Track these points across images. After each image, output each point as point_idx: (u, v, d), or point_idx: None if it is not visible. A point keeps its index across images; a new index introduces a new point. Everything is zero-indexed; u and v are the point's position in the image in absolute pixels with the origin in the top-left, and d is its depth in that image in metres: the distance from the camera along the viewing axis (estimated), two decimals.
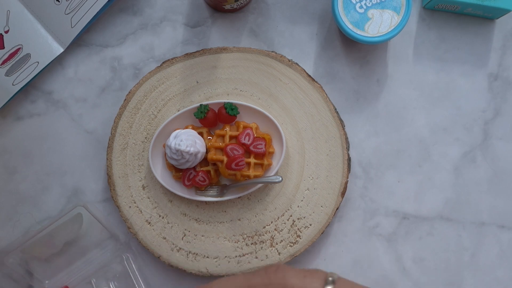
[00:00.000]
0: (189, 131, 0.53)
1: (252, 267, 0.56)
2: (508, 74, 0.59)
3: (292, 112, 0.56)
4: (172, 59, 0.56)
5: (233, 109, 0.54)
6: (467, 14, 0.58)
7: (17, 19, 0.58)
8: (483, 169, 0.58)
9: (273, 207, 0.56)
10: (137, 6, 0.60)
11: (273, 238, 0.56)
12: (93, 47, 0.60)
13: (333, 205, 0.56)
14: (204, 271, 0.56)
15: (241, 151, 0.52)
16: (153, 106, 0.57)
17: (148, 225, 0.56)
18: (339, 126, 0.56)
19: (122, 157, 0.56)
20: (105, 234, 0.58)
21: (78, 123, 0.59)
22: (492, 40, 0.59)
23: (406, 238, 0.58)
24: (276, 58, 0.56)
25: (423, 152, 0.59)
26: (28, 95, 0.59)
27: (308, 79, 0.56)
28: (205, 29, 0.59)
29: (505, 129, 0.59)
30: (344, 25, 0.53)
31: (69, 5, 0.57)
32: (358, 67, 0.59)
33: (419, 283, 0.58)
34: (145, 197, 0.57)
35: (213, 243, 0.56)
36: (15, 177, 0.59)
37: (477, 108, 0.59)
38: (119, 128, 0.56)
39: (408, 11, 0.53)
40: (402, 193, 0.58)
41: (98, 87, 0.59)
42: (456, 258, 0.58)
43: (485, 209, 0.58)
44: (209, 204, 0.56)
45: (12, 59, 0.58)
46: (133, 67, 0.59)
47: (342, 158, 0.56)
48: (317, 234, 0.56)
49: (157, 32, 0.59)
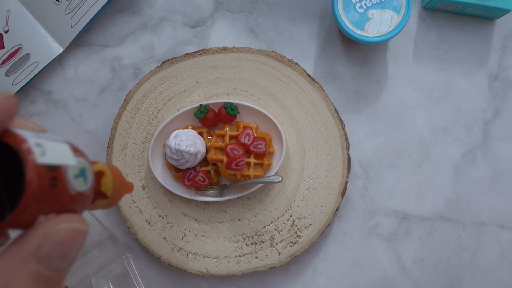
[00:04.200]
0: (189, 131, 0.53)
1: (252, 267, 0.56)
2: (508, 74, 0.59)
3: (292, 112, 0.56)
4: (172, 59, 0.56)
5: (233, 109, 0.54)
6: (467, 14, 0.58)
7: (17, 19, 0.58)
8: (483, 169, 0.58)
9: (273, 207, 0.56)
10: (137, 6, 0.59)
11: (273, 238, 0.56)
12: (93, 47, 0.60)
13: (333, 205, 0.56)
14: (204, 271, 0.56)
15: (241, 151, 0.52)
16: (153, 106, 0.57)
17: (148, 225, 0.56)
18: (339, 126, 0.56)
19: (122, 157, 0.56)
20: (105, 234, 0.58)
21: (78, 123, 0.59)
22: (492, 40, 0.59)
23: (406, 238, 0.58)
24: (276, 58, 0.56)
25: (423, 152, 0.59)
26: (28, 95, 0.59)
27: (308, 79, 0.56)
28: (205, 29, 0.59)
29: (505, 129, 0.59)
30: (344, 25, 0.53)
31: (69, 5, 0.57)
32: (358, 67, 0.59)
33: (419, 283, 0.58)
34: (145, 197, 0.56)
35: (213, 243, 0.56)
36: None
37: (477, 108, 0.59)
38: (119, 128, 0.56)
39: (408, 11, 0.53)
40: (402, 193, 0.58)
41: (98, 87, 0.59)
42: (456, 258, 0.58)
43: (485, 209, 0.58)
44: (209, 204, 0.56)
45: (12, 59, 0.58)
46: (133, 67, 0.59)
47: (342, 158, 0.56)
48: (317, 234, 0.56)
49: (157, 32, 0.59)
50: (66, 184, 0.24)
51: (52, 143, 0.24)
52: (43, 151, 0.23)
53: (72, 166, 0.24)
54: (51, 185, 0.23)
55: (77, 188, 0.24)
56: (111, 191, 0.30)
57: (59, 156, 0.24)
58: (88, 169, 0.26)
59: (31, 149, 0.22)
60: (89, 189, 0.25)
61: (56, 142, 0.24)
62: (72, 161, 0.24)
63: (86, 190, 0.25)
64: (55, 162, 0.23)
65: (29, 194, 0.22)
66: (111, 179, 0.30)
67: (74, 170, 0.24)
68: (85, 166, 0.25)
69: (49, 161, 0.23)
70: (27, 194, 0.22)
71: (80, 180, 0.25)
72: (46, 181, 0.22)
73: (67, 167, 0.24)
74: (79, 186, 0.25)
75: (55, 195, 0.23)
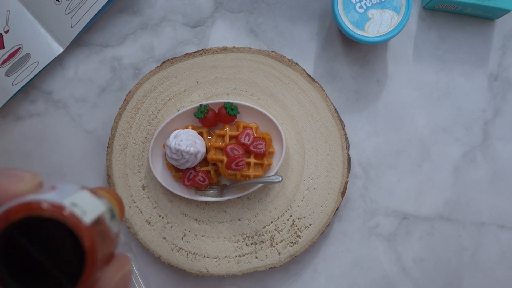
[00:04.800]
0: (189, 131, 0.53)
1: (252, 267, 0.56)
2: (508, 74, 0.59)
3: (292, 112, 0.56)
4: (172, 59, 0.56)
5: (233, 109, 0.54)
6: (467, 14, 0.58)
7: (17, 19, 0.58)
8: (483, 169, 0.58)
9: (273, 207, 0.56)
10: (137, 6, 0.59)
11: (273, 238, 0.56)
12: (93, 47, 0.60)
13: (333, 205, 0.56)
14: (204, 271, 0.56)
15: (241, 151, 0.52)
16: (153, 106, 0.57)
17: (148, 225, 0.56)
18: (339, 126, 0.56)
19: (122, 157, 0.56)
20: None
21: (78, 123, 0.59)
22: (492, 40, 0.59)
23: (406, 238, 0.58)
24: (276, 58, 0.56)
25: (423, 152, 0.59)
26: (28, 95, 0.59)
27: (308, 79, 0.56)
28: (205, 29, 0.59)
29: (505, 129, 0.59)
30: (344, 25, 0.53)
31: (69, 5, 0.57)
32: (358, 67, 0.59)
33: (419, 283, 0.58)
34: (145, 197, 0.56)
35: (213, 243, 0.56)
36: None
37: (477, 108, 0.59)
38: (119, 128, 0.56)
39: (408, 11, 0.53)
40: (402, 193, 0.58)
41: (98, 87, 0.59)
42: (456, 258, 0.58)
43: (485, 209, 0.58)
44: (209, 204, 0.56)
45: (12, 59, 0.58)
46: (133, 67, 0.59)
47: (342, 158, 0.56)
48: (317, 234, 0.56)
49: (157, 32, 0.59)
50: (109, 233, 0.22)
51: (78, 195, 0.21)
52: (82, 210, 0.20)
53: (106, 211, 0.22)
54: (102, 239, 0.21)
55: (115, 230, 0.23)
56: (119, 218, 0.29)
57: (94, 207, 0.21)
58: (112, 206, 0.24)
59: (74, 213, 0.20)
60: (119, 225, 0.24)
61: (79, 193, 0.22)
62: (102, 206, 0.22)
63: (119, 227, 0.24)
64: (95, 215, 0.21)
65: (91, 262, 0.19)
66: (116, 205, 0.28)
67: (107, 214, 0.22)
68: (110, 206, 0.24)
69: (91, 217, 0.21)
70: (89, 263, 0.19)
71: (115, 221, 0.23)
72: (99, 240, 0.20)
73: (103, 214, 0.22)
74: (115, 227, 0.23)
75: (106, 248, 0.21)
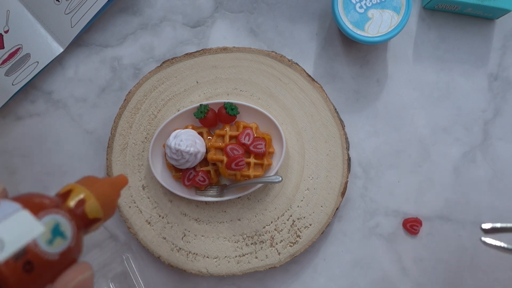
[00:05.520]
0: (189, 131, 0.53)
1: (252, 267, 0.56)
2: (508, 74, 0.59)
3: (292, 112, 0.56)
4: (172, 59, 0.56)
5: (233, 109, 0.54)
6: (467, 14, 0.58)
7: (17, 19, 0.58)
8: (483, 169, 0.58)
9: (273, 207, 0.56)
10: (137, 6, 0.59)
11: (273, 238, 0.56)
12: (93, 47, 0.60)
13: (333, 205, 0.56)
14: (204, 271, 0.56)
15: (241, 151, 0.52)
16: (153, 106, 0.57)
17: (148, 225, 0.56)
18: (339, 126, 0.56)
19: (122, 157, 0.56)
20: (105, 234, 0.58)
21: (78, 123, 0.59)
22: (492, 40, 0.59)
23: (406, 238, 0.58)
24: (276, 58, 0.56)
25: (423, 152, 0.59)
26: (28, 95, 0.59)
27: (308, 79, 0.56)
28: (205, 29, 0.59)
29: (505, 129, 0.59)
30: (344, 25, 0.53)
31: (69, 5, 0.57)
32: (358, 67, 0.59)
33: (419, 283, 0.58)
34: (145, 197, 0.56)
35: (213, 243, 0.56)
36: (15, 177, 0.59)
37: (477, 108, 0.59)
38: (119, 128, 0.56)
39: (408, 11, 0.53)
40: (402, 193, 0.58)
41: (98, 87, 0.59)
42: (456, 258, 0.58)
43: (485, 209, 0.58)
44: (209, 204, 0.56)
45: (12, 59, 0.58)
46: (133, 67, 0.59)
47: (342, 158, 0.56)
48: (317, 234, 0.56)
49: (157, 32, 0.59)
50: (44, 258, 0.20)
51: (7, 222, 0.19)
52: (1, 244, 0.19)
53: (41, 234, 0.20)
54: (27, 270, 0.19)
55: (57, 251, 0.21)
56: (100, 212, 0.27)
57: (22, 235, 0.19)
58: (61, 220, 0.22)
59: None
60: (73, 238, 0.22)
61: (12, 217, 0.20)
62: (39, 229, 0.20)
63: (70, 243, 0.21)
64: (20, 246, 0.19)
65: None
66: (94, 201, 0.26)
67: (45, 236, 0.20)
68: (56, 222, 0.21)
69: (12, 249, 0.19)
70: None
71: (58, 241, 0.21)
72: (21, 272, 0.19)
73: (36, 240, 0.20)
74: (59, 247, 0.21)
75: (37, 276, 0.19)
